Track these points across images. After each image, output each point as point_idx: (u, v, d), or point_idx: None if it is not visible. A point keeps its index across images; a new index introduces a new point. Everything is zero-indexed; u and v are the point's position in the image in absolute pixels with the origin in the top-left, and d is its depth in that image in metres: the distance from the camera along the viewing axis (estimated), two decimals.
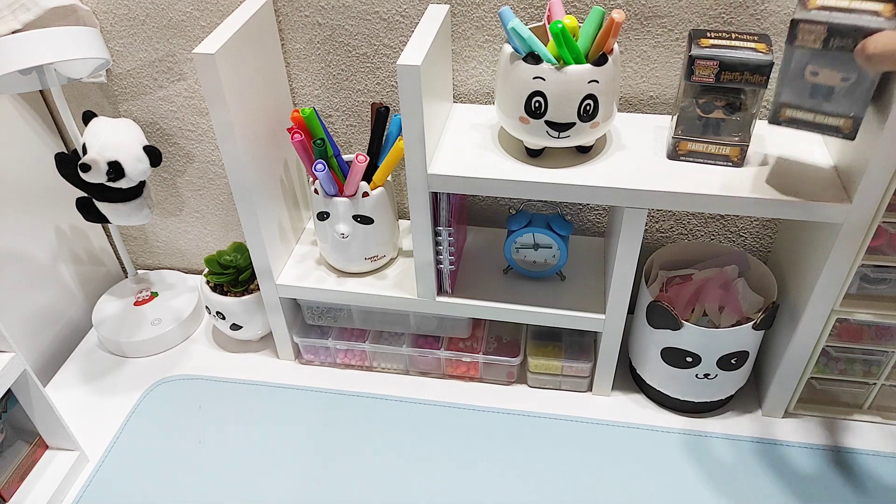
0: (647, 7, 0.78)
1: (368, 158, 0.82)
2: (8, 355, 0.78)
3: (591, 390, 0.95)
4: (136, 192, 0.92)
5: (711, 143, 0.73)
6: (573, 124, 0.70)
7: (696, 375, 0.84)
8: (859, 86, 0.62)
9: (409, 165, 0.74)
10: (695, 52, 0.68)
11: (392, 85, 0.90)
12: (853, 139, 0.64)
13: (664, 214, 0.95)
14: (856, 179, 0.67)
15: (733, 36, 0.70)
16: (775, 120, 0.67)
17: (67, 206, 0.95)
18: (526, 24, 0.69)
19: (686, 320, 0.81)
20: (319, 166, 0.81)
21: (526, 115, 0.71)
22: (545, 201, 0.96)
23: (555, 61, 0.68)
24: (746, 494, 0.82)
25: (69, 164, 0.87)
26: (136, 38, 0.91)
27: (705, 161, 0.74)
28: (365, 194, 0.85)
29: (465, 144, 0.79)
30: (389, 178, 0.88)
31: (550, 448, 0.88)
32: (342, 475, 0.86)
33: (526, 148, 0.77)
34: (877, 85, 0.61)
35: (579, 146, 0.76)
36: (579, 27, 0.69)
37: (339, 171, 0.86)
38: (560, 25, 0.65)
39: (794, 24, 0.61)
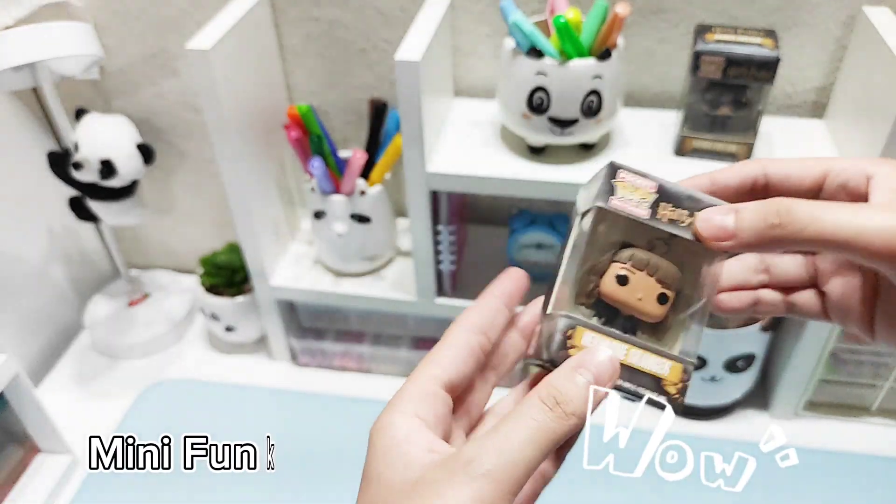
0: (652, 1, 0.77)
1: (367, 155, 0.80)
2: (0, 357, 0.76)
3: None
4: (129, 190, 0.90)
5: (718, 140, 0.72)
6: (576, 121, 0.69)
7: (702, 379, 0.83)
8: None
9: (407, 164, 0.72)
10: (700, 47, 0.68)
11: (391, 80, 0.88)
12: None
13: None
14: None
15: (739, 31, 0.69)
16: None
17: (59, 206, 0.94)
18: (528, 18, 0.68)
19: None
20: (316, 163, 0.79)
21: (528, 111, 0.69)
22: (548, 200, 0.94)
23: (558, 56, 0.67)
24: (754, 499, 0.80)
25: (61, 162, 0.86)
26: (130, 34, 0.89)
27: (711, 159, 0.73)
28: (362, 192, 0.83)
29: (465, 141, 0.78)
30: (388, 176, 0.87)
31: None
32: (340, 480, 0.84)
33: (528, 145, 0.75)
34: None
35: (583, 143, 0.75)
36: (583, 21, 0.68)
37: (336, 169, 0.85)
38: (563, 19, 0.64)
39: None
